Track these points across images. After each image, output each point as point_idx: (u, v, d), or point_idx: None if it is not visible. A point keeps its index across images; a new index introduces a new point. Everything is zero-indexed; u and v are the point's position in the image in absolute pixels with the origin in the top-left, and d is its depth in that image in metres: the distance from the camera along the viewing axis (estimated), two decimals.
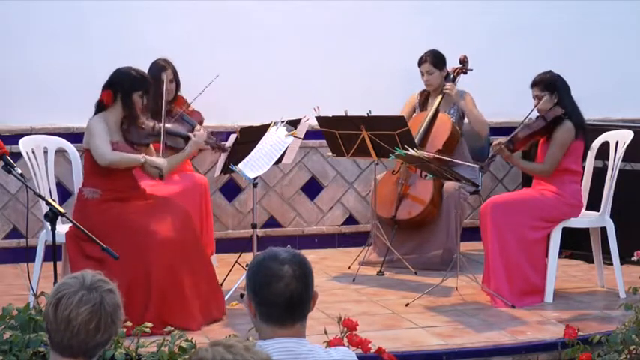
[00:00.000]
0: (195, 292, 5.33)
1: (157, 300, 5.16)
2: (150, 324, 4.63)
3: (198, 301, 5.34)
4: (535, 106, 5.95)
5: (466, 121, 6.90)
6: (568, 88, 5.97)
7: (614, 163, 6.08)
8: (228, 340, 2.30)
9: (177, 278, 5.25)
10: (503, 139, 5.92)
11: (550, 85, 5.92)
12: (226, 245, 6.97)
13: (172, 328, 4.62)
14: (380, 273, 6.54)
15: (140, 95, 5.42)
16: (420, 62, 6.87)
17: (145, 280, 5.16)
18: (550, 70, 5.98)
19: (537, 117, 5.95)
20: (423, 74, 6.88)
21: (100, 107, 5.47)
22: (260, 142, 5.79)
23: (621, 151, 6.06)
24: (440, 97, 6.88)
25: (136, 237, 5.20)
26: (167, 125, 5.71)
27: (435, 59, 6.85)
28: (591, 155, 6.29)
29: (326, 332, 4.63)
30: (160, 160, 5.54)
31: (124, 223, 5.27)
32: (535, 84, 5.95)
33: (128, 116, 5.44)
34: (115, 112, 5.44)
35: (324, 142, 6.76)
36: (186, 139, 5.76)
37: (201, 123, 6.37)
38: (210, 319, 5.38)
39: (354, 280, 6.39)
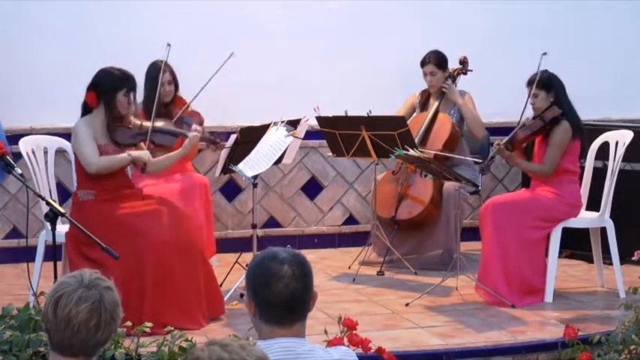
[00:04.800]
0: (191, 292, 5.32)
1: (152, 301, 5.15)
2: (150, 324, 4.63)
3: (196, 301, 5.33)
4: (532, 105, 5.95)
5: None
6: (564, 88, 5.96)
7: (614, 163, 6.08)
8: (224, 339, 2.30)
9: (172, 279, 5.24)
10: (502, 140, 5.92)
11: (546, 84, 5.91)
12: (226, 245, 6.97)
13: (172, 328, 4.62)
14: (380, 273, 6.54)
15: (124, 94, 5.37)
16: (423, 63, 6.86)
17: (140, 281, 5.15)
18: (546, 70, 5.97)
19: (535, 117, 5.94)
20: (425, 75, 6.87)
21: (86, 109, 5.44)
22: (260, 142, 5.79)
23: (621, 151, 6.06)
24: (438, 101, 6.87)
25: (131, 238, 5.19)
26: (156, 123, 5.64)
27: (438, 60, 6.84)
28: (591, 155, 6.29)
29: (326, 332, 4.63)
30: (144, 154, 5.49)
31: (120, 224, 5.25)
32: (531, 83, 5.94)
33: (111, 116, 5.39)
34: (100, 114, 5.39)
35: (324, 142, 6.76)
36: (176, 135, 5.71)
37: (201, 124, 6.35)
38: (208, 319, 5.37)
39: (354, 280, 6.39)
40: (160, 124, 5.72)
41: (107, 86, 5.35)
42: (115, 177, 5.44)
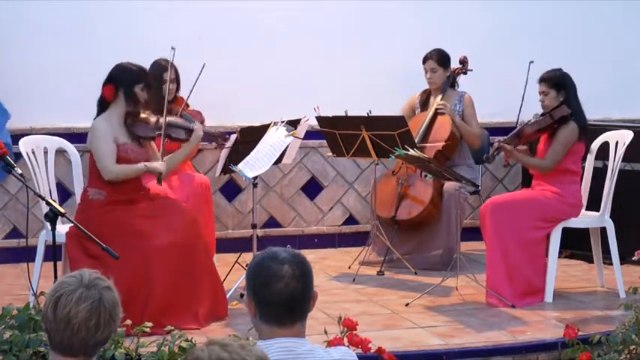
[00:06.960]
0: (196, 294, 5.32)
1: (155, 302, 5.14)
2: (150, 324, 4.63)
3: (200, 303, 5.33)
4: (540, 101, 5.95)
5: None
6: (575, 89, 5.96)
7: (614, 163, 6.08)
8: (224, 339, 2.30)
9: (177, 281, 5.24)
10: (502, 139, 5.95)
11: (559, 83, 5.92)
12: (226, 245, 6.96)
13: (172, 328, 4.61)
14: (380, 273, 6.54)
15: (142, 89, 5.39)
16: (425, 60, 6.86)
17: (144, 282, 5.14)
18: (560, 68, 5.98)
19: (544, 114, 5.93)
20: (426, 72, 6.86)
21: (103, 106, 5.44)
22: (260, 142, 5.79)
23: (621, 151, 6.06)
24: (440, 96, 6.87)
25: (136, 240, 5.18)
26: (169, 118, 5.65)
27: (440, 57, 6.83)
28: (591, 155, 6.29)
29: (326, 332, 4.63)
30: (159, 165, 5.51)
31: (125, 226, 5.25)
32: (543, 80, 5.94)
33: (131, 111, 5.41)
34: (117, 109, 5.41)
35: (324, 142, 6.76)
36: (189, 130, 5.69)
37: (202, 123, 6.36)
38: (212, 320, 5.37)
39: (354, 280, 6.39)
40: (172, 118, 5.71)
41: (127, 80, 5.36)
42: (129, 180, 5.44)
